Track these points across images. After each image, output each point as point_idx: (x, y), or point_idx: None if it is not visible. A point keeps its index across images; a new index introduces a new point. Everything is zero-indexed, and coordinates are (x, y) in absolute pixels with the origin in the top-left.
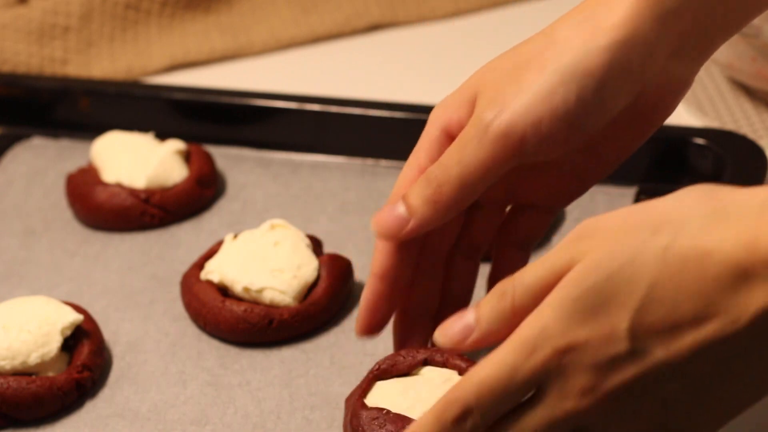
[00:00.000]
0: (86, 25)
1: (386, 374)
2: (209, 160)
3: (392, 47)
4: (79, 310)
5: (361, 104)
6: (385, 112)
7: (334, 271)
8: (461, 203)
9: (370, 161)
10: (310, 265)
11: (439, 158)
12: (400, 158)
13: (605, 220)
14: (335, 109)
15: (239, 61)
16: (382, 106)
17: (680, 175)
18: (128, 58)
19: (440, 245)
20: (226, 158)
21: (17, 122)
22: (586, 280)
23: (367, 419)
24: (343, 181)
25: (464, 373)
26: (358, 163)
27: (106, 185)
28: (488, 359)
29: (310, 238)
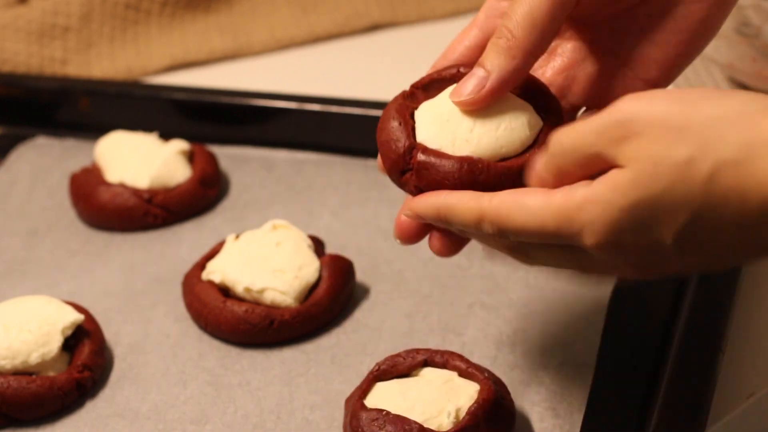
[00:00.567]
0: (86, 25)
1: (386, 375)
2: (213, 160)
3: (392, 47)
4: (80, 310)
5: (361, 104)
6: None
7: (335, 271)
8: (537, 46)
9: (370, 161)
10: (311, 265)
11: (494, 13)
12: None
13: (648, 114)
14: (335, 109)
15: (239, 61)
16: (382, 106)
17: None
18: (128, 58)
19: None
20: (229, 158)
21: (17, 122)
22: (631, 193)
23: (366, 420)
24: (345, 176)
25: (464, 374)
26: (358, 163)
27: (109, 185)
28: (528, 212)
29: (311, 238)
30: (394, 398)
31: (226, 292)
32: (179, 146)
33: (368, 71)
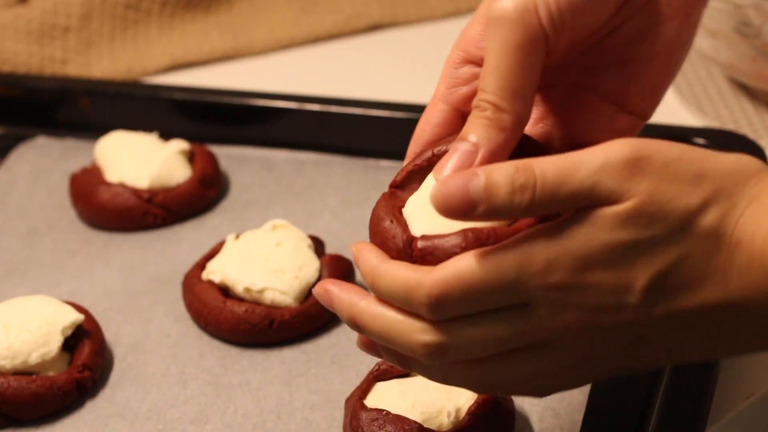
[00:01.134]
0: (86, 25)
1: (386, 375)
2: (213, 160)
3: (392, 47)
4: (80, 309)
5: (361, 104)
6: (385, 112)
7: (335, 271)
8: (521, 111)
9: (370, 161)
10: (311, 265)
11: (455, 82)
12: (400, 158)
13: (661, 153)
14: (335, 109)
15: (239, 61)
16: (382, 106)
17: None
18: (128, 58)
19: None
20: (229, 158)
21: (17, 122)
22: (625, 228)
23: (366, 420)
24: (345, 176)
25: None
26: (358, 163)
27: (109, 185)
28: (494, 254)
29: (311, 238)
30: (394, 398)
31: (226, 292)
32: (179, 146)
33: (368, 71)
